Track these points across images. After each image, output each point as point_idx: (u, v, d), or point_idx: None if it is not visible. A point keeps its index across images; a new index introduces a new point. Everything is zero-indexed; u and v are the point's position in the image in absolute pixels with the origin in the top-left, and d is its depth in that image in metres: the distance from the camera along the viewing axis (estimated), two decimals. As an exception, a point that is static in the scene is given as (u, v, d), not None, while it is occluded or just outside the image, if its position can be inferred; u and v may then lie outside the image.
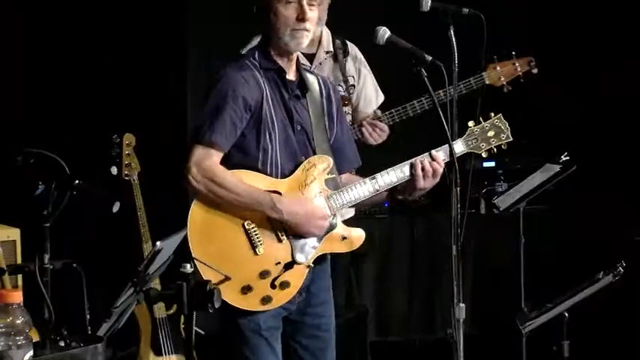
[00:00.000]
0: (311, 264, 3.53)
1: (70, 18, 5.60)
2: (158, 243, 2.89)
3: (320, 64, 4.78)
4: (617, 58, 5.97)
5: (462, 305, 3.61)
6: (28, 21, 5.50)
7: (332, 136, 3.72)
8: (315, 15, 3.55)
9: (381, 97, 4.99)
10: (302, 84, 3.66)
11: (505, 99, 4.74)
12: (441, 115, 3.59)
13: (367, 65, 4.95)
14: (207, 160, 3.41)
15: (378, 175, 3.64)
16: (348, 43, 4.90)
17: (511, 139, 3.80)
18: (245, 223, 3.46)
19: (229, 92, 3.47)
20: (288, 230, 3.50)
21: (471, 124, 3.76)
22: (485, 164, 5.95)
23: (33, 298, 3.12)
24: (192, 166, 3.39)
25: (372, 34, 3.70)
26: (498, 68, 4.84)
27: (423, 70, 3.61)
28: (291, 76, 3.63)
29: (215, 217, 3.45)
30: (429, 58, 3.59)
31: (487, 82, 4.80)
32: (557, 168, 5.00)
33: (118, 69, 5.60)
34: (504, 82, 4.84)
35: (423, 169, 3.62)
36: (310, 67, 4.64)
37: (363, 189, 3.61)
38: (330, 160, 3.60)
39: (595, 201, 5.84)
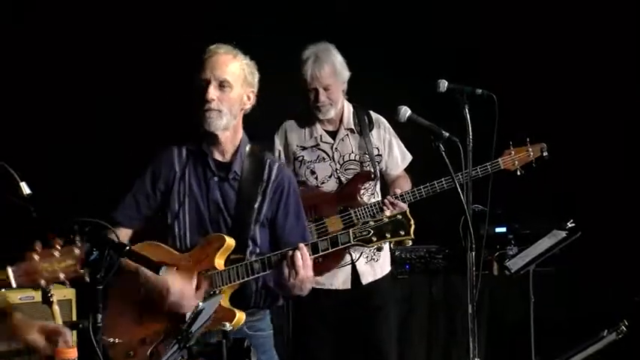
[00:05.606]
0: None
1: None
2: (200, 304, 3.13)
3: (342, 139, 4.92)
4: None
5: (478, 360, 3.81)
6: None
7: (262, 216, 3.77)
8: (227, 95, 3.66)
9: (409, 158, 5.08)
10: (229, 167, 3.77)
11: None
12: (461, 194, 3.77)
13: (392, 132, 5.00)
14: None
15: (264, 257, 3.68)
16: (372, 114, 5.00)
17: (411, 236, 3.61)
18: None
19: (142, 174, 3.81)
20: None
21: (371, 221, 3.62)
22: (498, 230, 6.09)
23: (86, 355, 3.41)
24: None
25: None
26: (513, 154, 4.96)
27: (441, 145, 3.81)
28: (221, 157, 3.77)
29: (119, 291, 3.71)
30: (447, 134, 3.81)
31: (502, 168, 4.91)
32: (563, 234, 5.17)
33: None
34: (518, 167, 4.94)
35: (287, 261, 3.61)
36: (333, 144, 4.88)
37: (242, 270, 3.66)
38: (225, 240, 3.67)
39: (599, 264, 5.95)
